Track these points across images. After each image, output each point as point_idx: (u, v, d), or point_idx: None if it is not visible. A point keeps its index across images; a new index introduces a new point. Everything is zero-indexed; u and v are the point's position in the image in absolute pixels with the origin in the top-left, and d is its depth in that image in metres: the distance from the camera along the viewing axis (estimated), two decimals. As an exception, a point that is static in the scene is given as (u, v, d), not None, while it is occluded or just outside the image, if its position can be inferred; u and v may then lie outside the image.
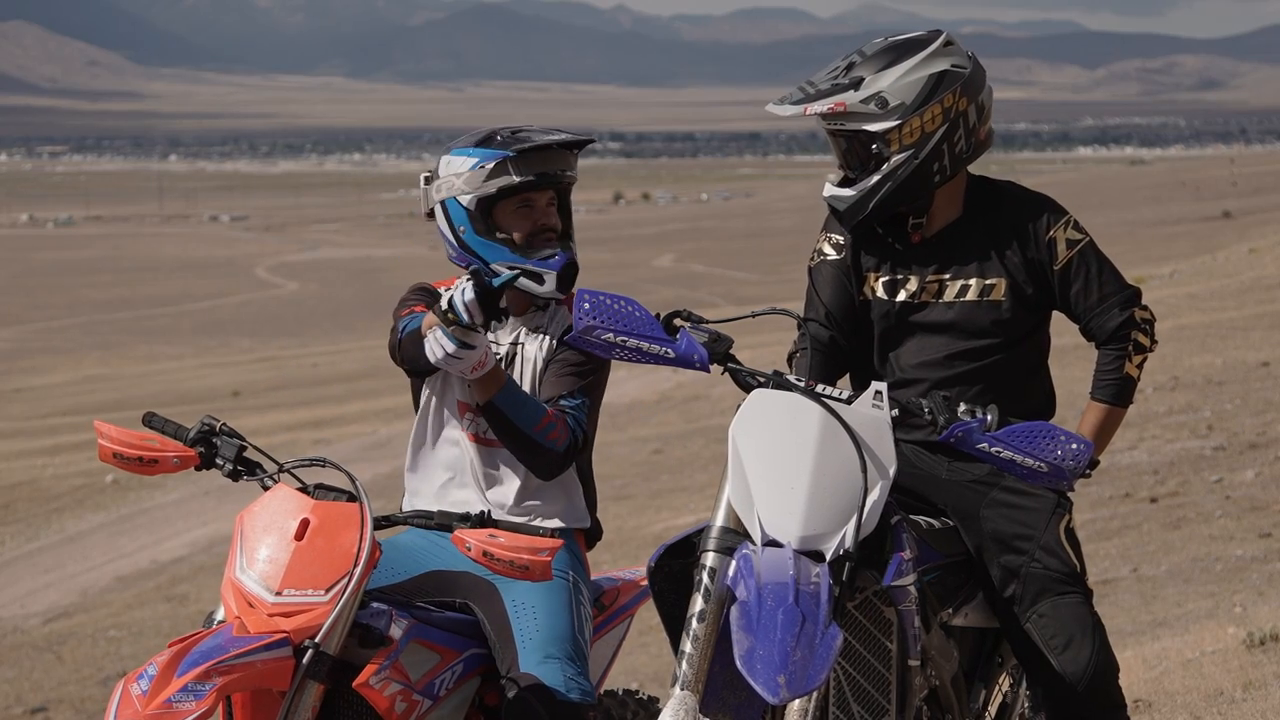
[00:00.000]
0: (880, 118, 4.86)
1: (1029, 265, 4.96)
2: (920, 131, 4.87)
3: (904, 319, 5.00)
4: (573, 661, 4.77)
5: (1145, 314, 5.03)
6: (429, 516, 4.78)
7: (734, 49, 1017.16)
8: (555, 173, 4.94)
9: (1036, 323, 5.03)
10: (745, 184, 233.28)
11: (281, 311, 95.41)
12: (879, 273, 5.03)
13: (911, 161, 4.87)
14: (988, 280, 4.97)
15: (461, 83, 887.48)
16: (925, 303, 4.99)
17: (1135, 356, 4.99)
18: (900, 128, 4.86)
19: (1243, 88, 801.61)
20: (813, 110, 4.86)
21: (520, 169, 4.92)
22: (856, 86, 4.87)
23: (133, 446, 4.73)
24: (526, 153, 4.91)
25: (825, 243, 5.13)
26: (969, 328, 4.97)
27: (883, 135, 4.86)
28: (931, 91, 4.88)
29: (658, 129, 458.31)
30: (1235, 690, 7.56)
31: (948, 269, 4.99)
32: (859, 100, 4.85)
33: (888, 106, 4.86)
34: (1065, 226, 4.98)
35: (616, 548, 18.64)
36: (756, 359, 14.61)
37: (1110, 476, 16.20)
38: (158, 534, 28.28)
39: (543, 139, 4.94)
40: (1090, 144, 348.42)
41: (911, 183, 4.89)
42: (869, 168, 4.91)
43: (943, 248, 5.01)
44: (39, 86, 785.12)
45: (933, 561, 4.83)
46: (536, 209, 4.97)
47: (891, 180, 4.88)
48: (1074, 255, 4.97)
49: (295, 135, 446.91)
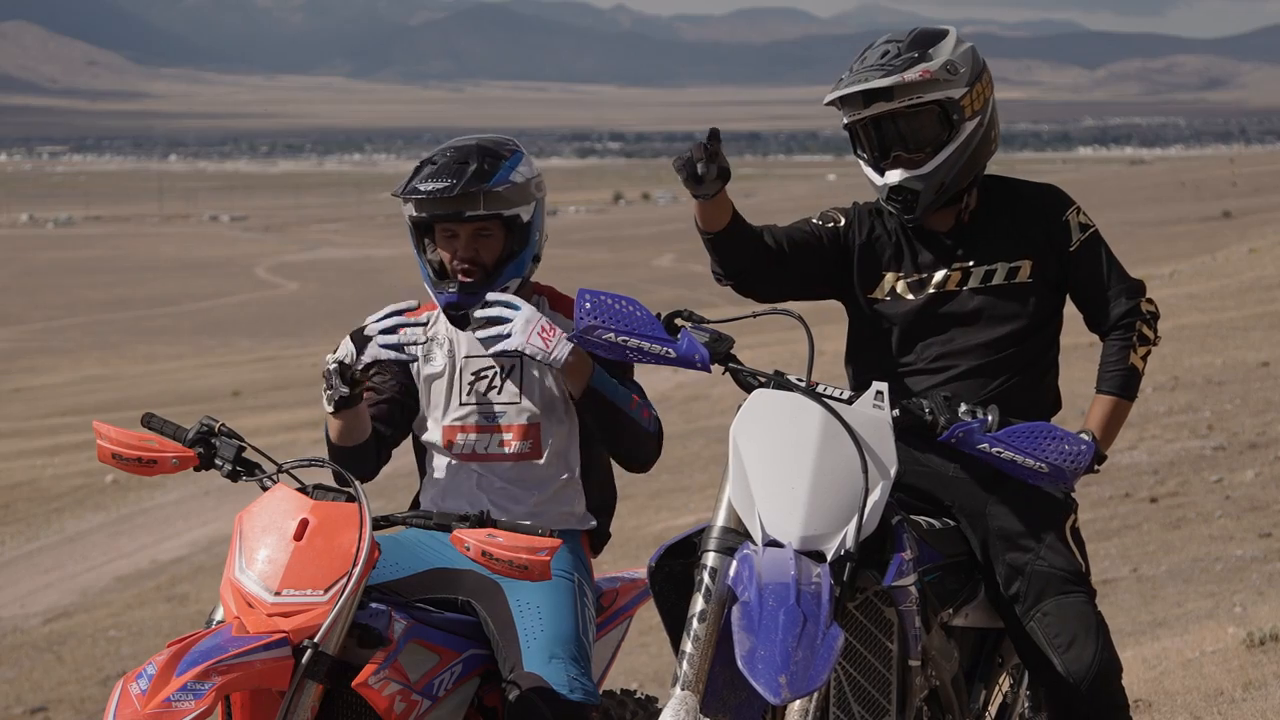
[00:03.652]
0: (957, 83, 4.91)
1: (1050, 245, 5.01)
2: (984, 97, 4.98)
3: (932, 312, 5.00)
4: (576, 662, 4.76)
5: (1150, 307, 5.06)
6: (428, 516, 4.78)
7: (734, 49, 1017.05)
8: (448, 214, 4.89)
9: (1056, 307, 5.06)
10: (745, 184, 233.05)
11: (281, 311, 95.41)
12: (900, 273, 5.03)
13: (980, 128, 4.96)
14: (1013, 263, 5.00)
15: (461, 83, 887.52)
16: (951, 292, 5.00)
17: (1140, 348, 5.01)
18: (970, 92, 4.94)
19: (1243, 87, 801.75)
20: (908, 77, 4.85)
21: (417, 205, 4.92)
22: (927, 59, 4.91)
23: (131, 447, 4.72)
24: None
25: (820, 211, 5.13)
26: (995, 313, 4.98)
27: (959, 101, 4.91)
28: (979, 62, 4.99)
29: (658, 129, 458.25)
30: (1235, 690, 7.56)
31: (971, 257, 5.01)
32: (939, 66, 4.90)
33: (959, 72, 4.92)
34: (1076, 212, 5.06)
35: (616, 548, 18.64)
36: (757, 359, 14.64)
37: (1110, 476, 16.19)
38: (158, 534, 28.28)
39: (422, 187, 4.87)
40: (1090, 144, 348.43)
41: (981, 150, 4.97)
42: (941, 141, 4.92)
43: (967, 238, 5.03)
44: (39, 86, 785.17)
45: (933, 562, 4.83)
46: (459, 240, 4.93)
47: (968, 148, 4.93)
48: (1086, 239, 5.03)
49: (295, 135, 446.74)
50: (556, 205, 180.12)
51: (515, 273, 4.94)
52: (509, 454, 4.98)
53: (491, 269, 4.92)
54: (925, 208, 4.94)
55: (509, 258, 4.93)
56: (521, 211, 4.94)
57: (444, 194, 4.85)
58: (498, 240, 4.93)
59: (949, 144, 4.91)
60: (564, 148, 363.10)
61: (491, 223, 4.92)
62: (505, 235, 4.94)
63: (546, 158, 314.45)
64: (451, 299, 4.90)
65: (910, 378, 4.97)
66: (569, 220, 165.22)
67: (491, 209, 4.89)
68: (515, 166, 4.97)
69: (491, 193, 4.89)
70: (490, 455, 4.98)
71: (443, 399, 5.04)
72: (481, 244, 4.92)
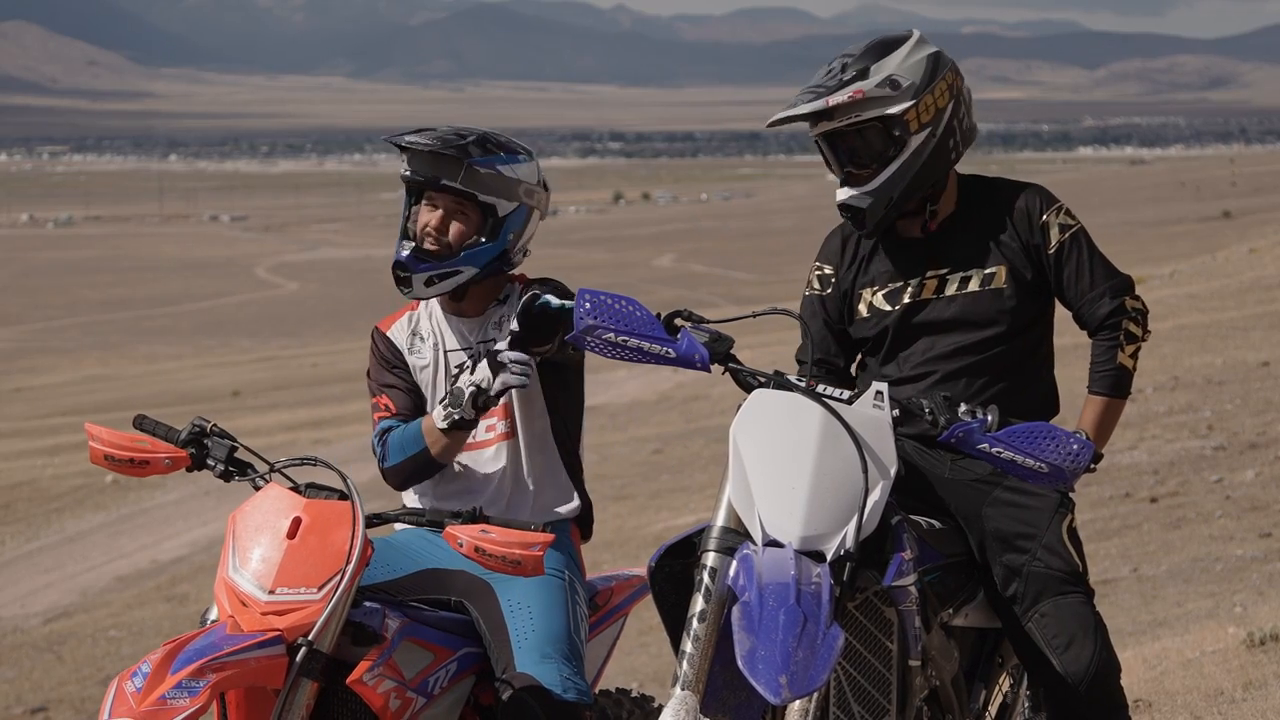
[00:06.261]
0: (896, 99, 4.90)
1: (1026, 250, 4.98)
2: (934, 108, 4.93)
3: (909, 321, 5.00)
4: (569, 661, 4.77)
5: (1136, 303, 5.02)
6: (420, 514, 4.79)
7: (734, 49, 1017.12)
8: (427, 177, 4.94)
9: (1039, 311, 5.03)
10: (745, 184, 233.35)
11: (281, 311, 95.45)
12: (877, 287, 5.04)
13: (931, 140, 4.92)
14: (988, 269, 4.98)
15: (462, 83, 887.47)
16: (927, 300, 5.00)
17: (1128, 346, 4.99)
18: (917, 105, 4.90)
19: (1244, 87, 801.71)
20: (834, 100, 4.87)
21: (406, 159, 4.99)
22: (864, 76, 4.90)
23: (123, 448, 4.73)
24: (405, 149, 4.97)
25: (813, 274, 5.19)
26: (973, 319, 4.97)
27: (901, 117, 4.89)
28: (934, 70, 4.95)
29: (658, 129, 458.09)
30: (1235, 690, 7.55)
31: (947, 264, 5.00)
32: (874, 85, 4.89)
33: (901, 87, 4.90)
34: (1057, 212, 5.01)
35: (616, 548, 18.64)
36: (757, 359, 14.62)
37: (1110, 476, 16.19)
38: (158, 534, 28.29)
39: (409, 135, 4.96)
40: (1090, 144, 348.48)
41: (933, 161, 4.93)
42: (887, 157, 4.92)
43: (941, 244, 5.02)
44: (39, 86, 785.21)
45: (933, 562, 4.82)
46: (438, 209, 5.00)
47: (916, 160, 4.91)
48: (1066, 240, 4.99)
49: (295, 135, 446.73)
50: (557, 205, 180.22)
51: (471, 261, 4.97)
52: (490, 437, 5.03)
53: (454, 247, 4.97)
54: (876, 223, 4.96)
55: (473, 245, 4.97)
56: (499, 204, 4.97)
57: (424, 147, 4.92)
58: (471, 224, 4.98)
59: (894, 160, 4.91)
60: (564, 148, 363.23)
61: (469, 204, 4.96)
62: (479, 222, 4.97)
63: (547, 158, 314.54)
64: (400, 257, 4.98)
65: (894, 387, 4.96)
66: (569, 220, 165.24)
67: (468, 187, 4.93)
68: (510, 163, 5.00)
69: (472, 169, 4.93)
70: (474, 442, 5.02)
71: (429, 392, 5.10)
72: (455, 222, 4.97)
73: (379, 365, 5.14)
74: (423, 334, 5.12)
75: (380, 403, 5.09)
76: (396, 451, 4.98)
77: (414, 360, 5.10)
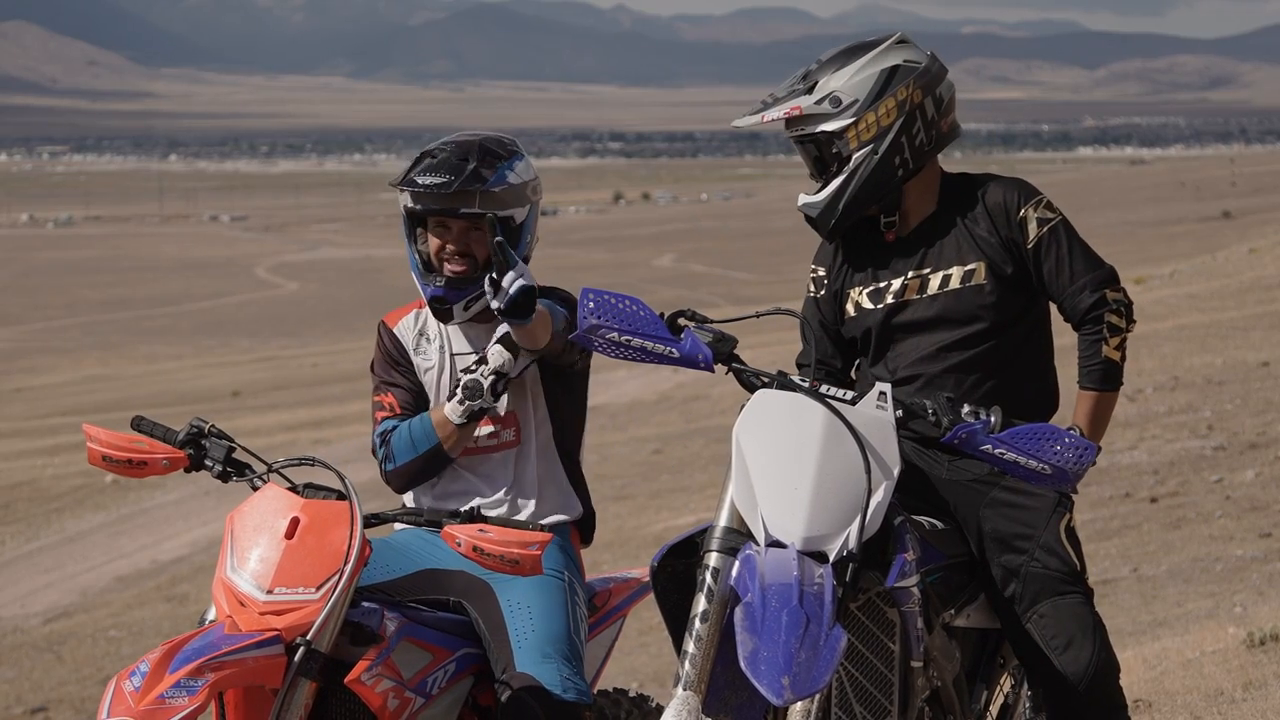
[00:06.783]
0: (835, 116, 4.92)
1: (1005, 245, 4.96)
2: (876, 126, 4.91)
3: (891, 321, 5.00)
4: (569, 661, 4.76)
5: (1118, 295, 4.99)
6: (418, 513, 4.79)
7: (734, 49, 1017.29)
8: (442, 208, 4.91)
9: (1023, 306, 5.00)
10: (745, 184, 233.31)
11: (281, 311, 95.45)
12: (861, 285, 5.05)
13: (871, 157, 4.91)
14: (967, 266, 4.97)
15: (462, 83, 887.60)
16: (909, 301, 4.99)
17: (1112, 339, 4.96)
18: (856, 124, 4.90)
19: (1244, 88, 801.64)
20: (769, 117, 4.94)
21: (414, 197, 4.94)
22: (811, 90, 4.93)
23: (121, 449, 4.73)
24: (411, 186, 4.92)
25: (810, 276, 5.21)
26: (955, 316, 4.96)
27: (840, 133, 4.91)
28: (884, 86, 4.92)
29: (658, 129, 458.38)
30: (1235, 690, 7.55)
31: (928, 263, 5.00)
32: (813, 102, 4.92)
33: (841, 105, 4.91)
34: (1036, 206, 4.98)
35: (616, 548, 18.64)
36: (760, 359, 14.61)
37: (1110, 476, 16.19)
38: (158, 534, 28.29)
39: (420, 180, 4.89)
40: (1090, 144, 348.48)
41: (876, 178, 4.91)
42: (832, 170, 4.94)
43: (921, 243, 5.01)
44: (40, 86, 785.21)
45: (936, 562, 4.82)
46: (451, 231, 4.96)
47: (856, 177, 4.92)
48: (1045, 233, 4.96)
49: (295, 135, 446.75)
50: (557, 205, 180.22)
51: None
52: (494, 444, 5.01)
53: (481, 263, 4.94)
54: (828, 231, 5.00)
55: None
56: (515, 213, 4.97)
57: (440, 190, 4.87)
58: (482, 235, 4.96)
59: (837, 174, 4.94)
60: (564, 148, 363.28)
61: (483, 218, 4.94)
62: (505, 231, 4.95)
63: (547, 158, 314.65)
64: (438, 292, 4.94)
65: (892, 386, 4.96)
66: (569, 220, 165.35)
67: (486, 209, 4.90)
68: (513, 169, 4.98)
69: (488, 193, 4.91)
70: (477, 448, 5.01)
71: (433, 393, 5.08)
72: (474, 237, 4.95)
73: (384, 360, 5.13)
74: (430, 335, 5.10)
75: (384, 400, 5.07)
76: (405, 450, 4.96)
77: (419, 360, 5.09)
